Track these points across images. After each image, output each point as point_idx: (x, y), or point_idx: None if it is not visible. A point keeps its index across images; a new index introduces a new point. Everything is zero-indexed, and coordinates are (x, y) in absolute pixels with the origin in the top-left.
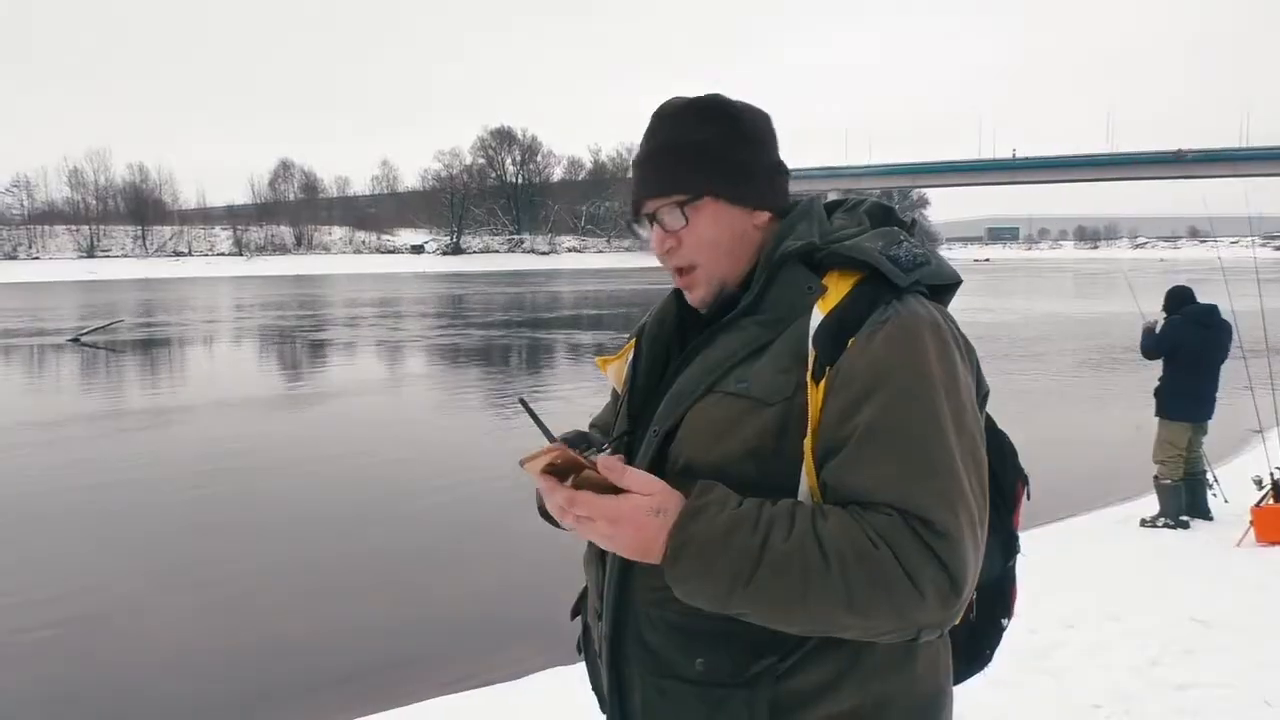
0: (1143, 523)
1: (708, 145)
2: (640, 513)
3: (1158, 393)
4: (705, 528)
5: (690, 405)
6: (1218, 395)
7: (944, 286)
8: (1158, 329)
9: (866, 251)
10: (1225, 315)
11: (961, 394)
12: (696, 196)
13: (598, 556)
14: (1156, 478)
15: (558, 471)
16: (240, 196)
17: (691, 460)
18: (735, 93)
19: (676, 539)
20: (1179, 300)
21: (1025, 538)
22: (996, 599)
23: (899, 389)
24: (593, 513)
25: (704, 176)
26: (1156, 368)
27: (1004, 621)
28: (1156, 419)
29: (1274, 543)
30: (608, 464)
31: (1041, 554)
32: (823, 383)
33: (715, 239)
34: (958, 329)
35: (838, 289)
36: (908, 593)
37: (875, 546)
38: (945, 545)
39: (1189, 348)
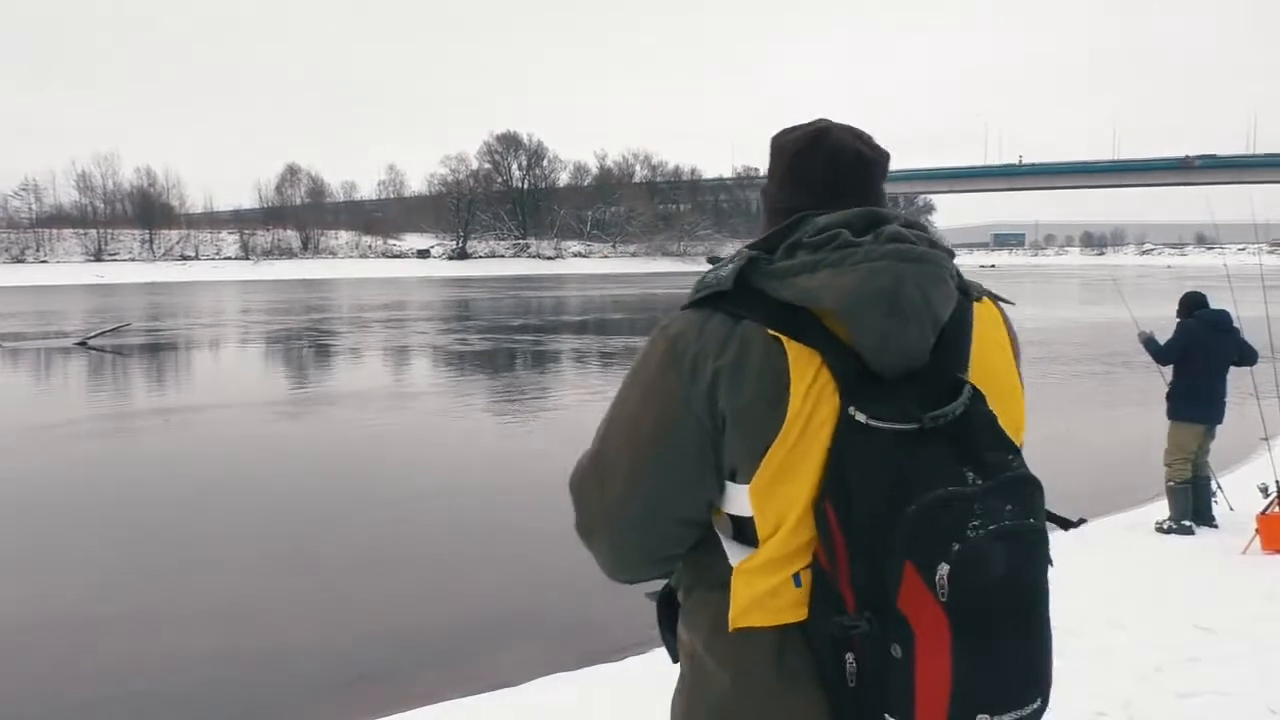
0: (1157, 525)
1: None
2: None
3: (1169, 395)
4: None
5: None
6: (1226, 400)
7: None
8: (1156, 335)
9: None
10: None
11: (635, 386)
12: None
13: None
14: (1166, 480)
15: None
16: (247, 201)
17: None
18: (738, 97)
19: None
20: (1192, 304)
21: None
22: (876, 690)
23: None
24: None
25: None
26: (1165, 371)
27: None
28: (1168, 422)
29: (1279, 551)
30: None
31: None
32: None
33: None
34: (699, 342)
35: None
36: None
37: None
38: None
39: (1200, 351)
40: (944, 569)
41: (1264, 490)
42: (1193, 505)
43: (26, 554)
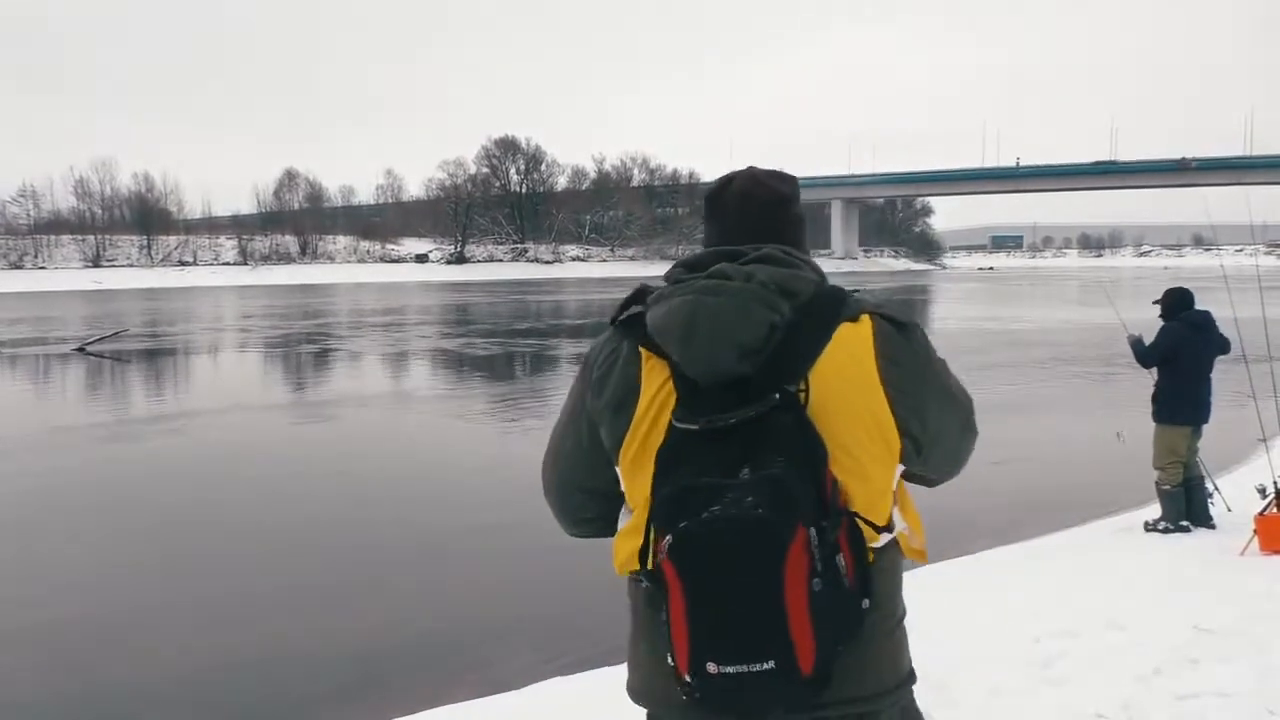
0: (1146, 525)
1: None
2: None
3: (1155, 398)
4: None
5: None
6: (1211, 400)
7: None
8: (1145, 338)
9: None
10: (1229, 323)
11: (571, 389)
12: None
13: None
14: (1158, 483)
15: None
16: (245, 206)
17: None
18: (737, 99)
19: None
20: (1178, 304)
21: (1028, 545)
22: (669, 635)
23: None
24: None
25: None
26: (1153, 374)
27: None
28: (1155, 424)
29: (1278, 551)
30: None
31: (1045, 563)
32: None
33: None
34: (597, 354)
35: None
36: None
37: None
38: None
39: (1188, 352)
40: (667, 539)
41: (1261, 491)
42: (1189, 507)
43: (26, 555)
